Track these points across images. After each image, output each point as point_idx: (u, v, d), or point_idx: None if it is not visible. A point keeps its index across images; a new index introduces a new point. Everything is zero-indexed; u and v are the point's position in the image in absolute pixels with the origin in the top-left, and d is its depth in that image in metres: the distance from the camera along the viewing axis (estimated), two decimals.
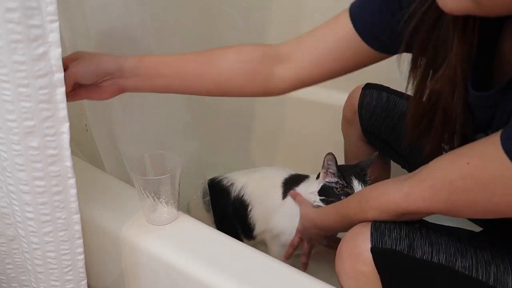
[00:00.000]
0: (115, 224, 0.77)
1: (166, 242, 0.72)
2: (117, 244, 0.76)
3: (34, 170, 0.63)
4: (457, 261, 0.60)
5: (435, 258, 0.60)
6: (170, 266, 0.70)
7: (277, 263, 0.68)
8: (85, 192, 0.72)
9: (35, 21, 0.55)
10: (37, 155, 0.62)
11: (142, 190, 0.73)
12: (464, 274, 0.59)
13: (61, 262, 0.71)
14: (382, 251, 0.60)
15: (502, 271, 0.59)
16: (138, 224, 0.76)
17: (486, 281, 0.58)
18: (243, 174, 1.07)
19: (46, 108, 0.60)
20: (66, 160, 0.63)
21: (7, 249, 0.79)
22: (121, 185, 0.87)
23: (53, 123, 0.61)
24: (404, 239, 0.61)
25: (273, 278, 0.65)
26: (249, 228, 1.02)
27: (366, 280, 0.61)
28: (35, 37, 0.56)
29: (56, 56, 0.58)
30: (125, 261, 0.78)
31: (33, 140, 0.61)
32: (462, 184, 0.53)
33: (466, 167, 0.53)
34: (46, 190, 0.64)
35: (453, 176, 0.54)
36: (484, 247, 0.61)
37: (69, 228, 0.69)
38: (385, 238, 0.60)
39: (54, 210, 0.66)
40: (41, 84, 0.58)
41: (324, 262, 1.02)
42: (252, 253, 0.70)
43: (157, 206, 0.75)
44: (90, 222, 0.77)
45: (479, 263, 0.59)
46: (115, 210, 0.80)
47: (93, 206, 0.79)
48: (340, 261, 0.63)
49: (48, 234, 0.68)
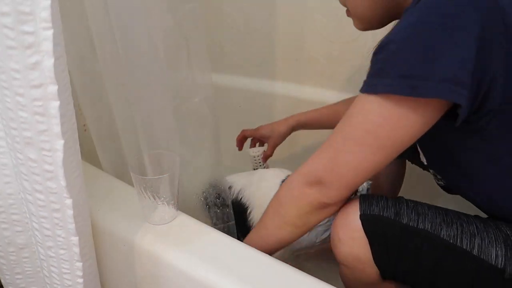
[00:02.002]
0: (114, 224, 0.77)
1: (165, 242, 0.72)
2: (117, 244, 0.76)
3: (35, 182, 0.61)
4: (442, 230, 0.64)
5: (421, 225, 0.65)
6: (170, 266, 0.70)
7: (278, 263, 0.68)
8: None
9: (28, 27, 0.52)
10: (35, 167, 0.60)
11: (142, 190, 0.73)
12: (448, 242, 0.63)
13: (63, 281, 0.70)
14: (370, 217, 0.66)
15: (487, 243, 0.62)
16: (138, 223, 0.76)
17: (470, 250, 0.62)
18: (241, 176, 1.07)
19: (41, 121, 0.56)
20: (61, 179, 0.60)
21: (16, 258, 0.77)
22: (120, 185, 0.87)
23: (48, 138, 0.58)
24: (391, 208, 0.67)
25: (273, 278, 0.65)
26: (249, 231, 1.01)
27: (358, 246, 0.67)
28: (29, 45, 0.52)
29: (49, 66, 0.54)
30: (125, 261, 0.77)
31: (31, 152, 0.59)
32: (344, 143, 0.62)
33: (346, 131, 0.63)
34: (46, 204, 0.63)
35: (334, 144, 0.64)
36: (471, 222, 0.65)
37: (68, 248, 0.67)
38: (372, 207, 0.67)
39: (54, 227, 0.64)
40: (35, 95, 0.55)
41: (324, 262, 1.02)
42: (252, 253, 0.70)
43: (157, 206, 0.75)
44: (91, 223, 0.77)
45: (464, 234, 0.63)
46: (115, 210, 0.80)
47: (92, 206, 0.79)
48: (335, 231, 0.70)
49: (51, 249, 0.67)
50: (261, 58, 1.45)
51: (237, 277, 0.64)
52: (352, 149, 0.61)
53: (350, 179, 0.63)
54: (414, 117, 0.57)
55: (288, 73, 1.43)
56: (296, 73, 1.41)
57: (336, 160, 0.63)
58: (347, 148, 0.62)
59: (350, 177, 0.63)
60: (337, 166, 0.63)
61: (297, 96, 1.41)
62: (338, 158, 0.63)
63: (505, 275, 0.60)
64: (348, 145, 0.62)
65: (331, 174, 0.64)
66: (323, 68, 1.36)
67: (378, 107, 0.58)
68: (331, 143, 0.64)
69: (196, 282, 0.66)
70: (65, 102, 0.59)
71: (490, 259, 0.61)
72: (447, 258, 0.64)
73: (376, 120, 0.58)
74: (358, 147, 0.61)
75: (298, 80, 1.42)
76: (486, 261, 0.61)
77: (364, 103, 0.60)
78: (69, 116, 0.60)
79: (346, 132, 0.62)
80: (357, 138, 0.61)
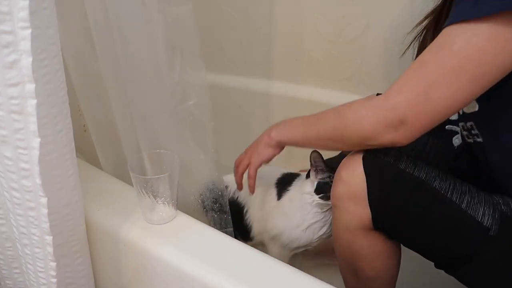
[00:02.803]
0: (114, 224, 0.77)
1: (164, 241, 0.72)
2: (117, 244, 0.76)
3: (11, 180, 0.61)
4: (436, 181, 0.67)
5: (416, 173, 0.67)
6: (169, 265, 0.70)
7: (277, 263, 0.68)
8: (84, 192, 0.72)
9: (5, 26, 0.52)
10: (11, 165, 0.60)
11: (141, 189, 0.73)
12: (440, 193, 0.65)
13: (38, 279, 0.71)
14: (372, 157, 0.69)
15: (476, 202, 0.65)
16: (137, 223, 0.76)
17: (459, 203, 0.65)
18: None
19: (17, 119, 0.57)
20: (36, 177, 0.60)
21: (13, 253, 0.78)
22: (119, 185, 0.87)
23: (24, 136, 0.58)
24: (392, 156, 0.70)
25: (273, 278, 0.65)
26: (245, 230, 1.01)
27: (355, 183, 0.69)
28: (6, 44, 0.53)
29: (27, 65, 0.54)
30: (125, 261, 0.78)
31: (7, 150, 0.59)
32: (438, 76, 0.58)
33: (436, 63, 0.58)
34: (21, 202, 0.63)
35: (427, 74, 0.59)
36: (465, 184, 0.68)
37: (43, 247, 0.67)
38: (376, 153, 0.70)
39: (29, 225, 0.65)
40: (12, 93, 0.55)
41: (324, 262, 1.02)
42: (251, 253, 0.70)
43: (156, 205, 0.75)
44: (89, 222, 0.77)
45: (455, 189, 0.66)
46: (114, 209, 0.80)
47: (92, 206, 0.79)
48: (338, 171, 0.73)
49: (26, 247, 0.67)
50: (261, 58, 1.45)
51: (236, 276, 0.64)
52: (448, 80, 0.57)
53: (437, 116, 0.60)
54: None
55: (287, 73, 1.43)
56: (295, 73, 1.41)
57: (428, 96, 0.58)
58: (443, 81, 0.57)
59: (439, 113, 0.60)
60: (429, 102, 0.59)
61: (296, 96, 1.41)
62: (430, 93, 0.58)
63: (490, 232, 0.63)
64: (444, 76, 0.57)
65: (418, 112, 0.60)
66: (323, 68, 1.36)
67: (484, 30, 0.54)
68: (421, 75, 0.59)
69: (195, 281, 0.66)
70: (61, 101, 0.59)
71: (477, 216, 0.64)
72: (435, 206, 0.66)
73: (481, 45, 0.55)
74: (455, 77, 0.57)
75: (297, 80, 1.42)
76: (473, 216, 0.64)
77: (465, 29, 0.56)
78: (65, 115, 0.61)
79: (442, 62, 0.58)
80: (456, 67, 0.56)
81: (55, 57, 0.56)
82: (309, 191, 0.92)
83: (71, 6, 0.81)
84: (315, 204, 0.92)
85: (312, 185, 0.92)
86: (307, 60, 1.38)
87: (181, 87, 0.83)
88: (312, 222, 0.94)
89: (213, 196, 0.92)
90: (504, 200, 0.66)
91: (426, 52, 0.60)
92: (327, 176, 0.90)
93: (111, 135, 0.92)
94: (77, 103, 0.91)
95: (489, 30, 0.55)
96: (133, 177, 0.73)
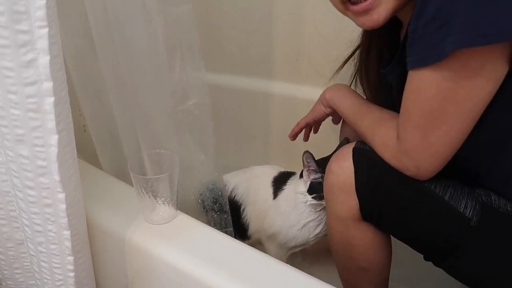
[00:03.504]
0: (114, 224, 0.77)
1: (164, 241, 0.72)
2: (117, 244, 0.76)
3: (26, 179, 0.61)
4: None
5: None
6: (170, 265, 0.70)
7: (277, 262, 0.68)
8: (84, 192, 0.72)
9: (23, 26, 0.52)
10: (27, 164, 0.60)
11: (141, 190, 0.73)
12: (423, 185, 0.67)
13: (53, 276, 0.70)
14: (361, 151, 0.72)
15: (459, 194, 0.66)
16: (137, 223, 0.76)
17: (441, 195, 0.66)
18: (234, 174, 1.07)
19: (34, 118, 0.57)
20: (54, 173, 0.61)
21: (15, 254, 0.78)
22: (119, 185, 0.87)
23: (42, 134, 0.58)
24: None
25: (273, 277, 0.65)
26: (243, 228, 1.02)
27: (344, 174, 0.72)
28: (23, 43, 0.53)
29: (44, 64, 0.55)
30: (125, 261, 0.78)
31: (24, 148, 0.59)
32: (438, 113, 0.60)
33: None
34: (37, 200, 0.63)
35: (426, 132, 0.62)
36: (449, 178, 0.68)
37: (60, 243, 0.67)
38: (366, 146, 0.72)
39: (45, 222, 0.65)
40: (29, 92, 0.56)
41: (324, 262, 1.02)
42: (251, 252, 0.70)
43: (156, 205, 0.75)
44: (90, 222, 0.77)
45: (439, 182, 0.67)
46: (114, 209, 0.80)
47: (92, 206, 0.79)
48: (330, 163, 0.75)
49: (41, 245, 0.67)
50: (261, 58, 1.44)
51: (236, 276, 0.65)
52: (438, 123, 0.60)
53: (445, 154, 0.62)
54: (487, 71, 0.55)
55: (288, 73, 1.43)
56: (296, 73, 1.41)
57: (429, 140, 0.61)
58: (433, 124, 0.60)
59: (446, 152, 0.62)
60: (432, 146, 0.61)
61: (297, 96, 1.41)
62: (429, 137, 0.61)
63: (471, 223, 0.64)
64: (432, 120, 0.60)
65: (427, 158, 0.63)
66: (323, 68, 1.35)
67: (447, 72, 0.56)
68: (413, 123, 0.62)
69: (195, 281, 0.66)
70: (62, 100, 0.59)
71: (459, 207, 0.65)
72: (419, 198, 0.67)
73: (451, 86, 0.57)
74: (442, 120, 0.59)
75: (298, 80, 1.42)
76: (456, 208, 0.65)
77: (431, 73, 0.57)
78: (66, 114, 0.61)
79: (422, 109, 0.60)
80: (438, 110, 0.59)
81: (56, 57, 0.56)
82: (302, 191, 0.93)
83: (71, 6, 0.81)
84: (309, 204, 0.92)
85: (305, 185, 0.92)
86: (307, 60, 1.38)
87: (181, 87, 0.83)
88: (307, 221, 0.94)
89: (213, 196, 0.93)
90: (485, 192, 0.67)
91: (406, 100, 0.62)
92: (320, 176, 0.90)
93: (111, 135, 0.92)
94: (77, 103, 0.91)
95: (452, 71, 0.56)
96: (133, 177, 0.73)
